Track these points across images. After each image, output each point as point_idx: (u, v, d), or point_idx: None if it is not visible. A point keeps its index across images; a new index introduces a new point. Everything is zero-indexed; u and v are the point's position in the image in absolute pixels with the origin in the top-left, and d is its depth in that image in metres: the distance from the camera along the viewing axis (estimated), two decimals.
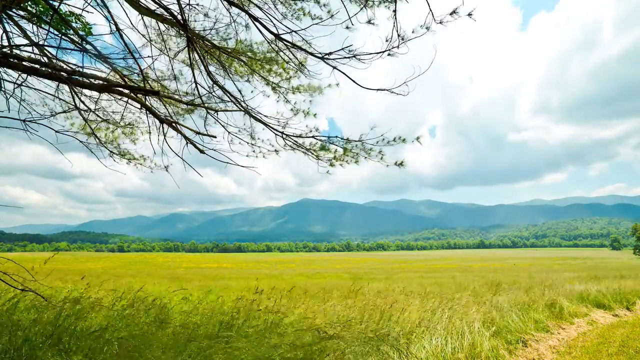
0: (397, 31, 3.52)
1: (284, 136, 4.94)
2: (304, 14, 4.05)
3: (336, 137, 4.70)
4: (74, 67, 3.88)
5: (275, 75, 5.07)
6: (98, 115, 4.85)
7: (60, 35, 3.61)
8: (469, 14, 3.21)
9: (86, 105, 4.56)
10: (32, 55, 3.69)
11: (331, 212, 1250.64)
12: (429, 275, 23.06)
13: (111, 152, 5.21)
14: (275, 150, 5.06)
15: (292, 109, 5.02)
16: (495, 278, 16.67)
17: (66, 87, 4.14)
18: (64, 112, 4.68)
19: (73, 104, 4.25)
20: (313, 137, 4.80)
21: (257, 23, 4.07)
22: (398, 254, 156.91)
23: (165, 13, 3.89)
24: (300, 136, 4.86)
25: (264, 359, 3.65)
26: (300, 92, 5.06)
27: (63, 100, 4.38)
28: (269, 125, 4.93)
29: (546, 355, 5.16)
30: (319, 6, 3.91)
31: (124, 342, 3.62)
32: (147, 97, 4.77)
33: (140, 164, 5.29)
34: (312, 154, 4.87)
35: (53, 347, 3.39)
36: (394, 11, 3.48)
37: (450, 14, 3.24)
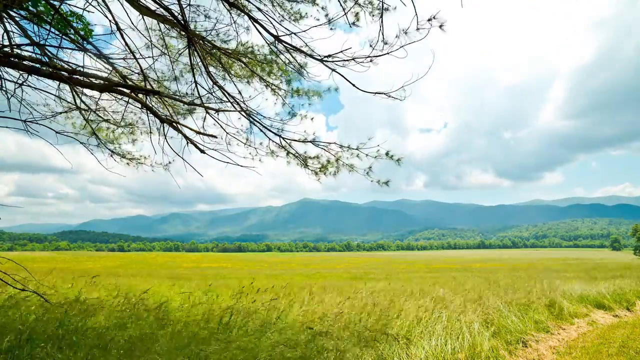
0: (382, 36, 3.59)
1: (281, 139, 4.96)
2: (301, 17, 4.06)
3: (334, 143, 4.72)
4: (75, 66, 3.88)
5: (275, 77, 5.08)
6: (99, 115, 4.85)
7: (61, 35, 3.61)
8: (440, 26, 3.26)
9: (87, 105, 4.56)
10: (33, 55, 3.70)
11: (331, 212, 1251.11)
12: (429, 276, 23.06)
13: (112, 152, 5.21)
14: (272, 152, 5.07)
15: (289, 112, 5.05)
16: (495, 278, 16.66)
17: (67, 87, 4.15)
18: (65, 112, 4.68)
19: (74, 103, 4.26)
20: (311, 142, 4.81)
21: (257, 25, 4.08)
22: (398, 254, 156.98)
23: (166, 13, 3.89)
24: (297, 141, 4.87)
25: (262, 357, 3.65)
26: (299, 95, 5.08)
27: (64, 99, 4.39)
28: (267, 128, 4.93)
29: (546, 355, 5.17)
30: (316, 8, 3.92)
31: (126, 342, 3.63)
32: (148, 96, 4.77)
33: (141, 163, 5.29)
34: (302, 162, 4.91)
35: (56, 346, 3.40)
36: (381, 17, 3.51)
37: (429, 20, 3.28)
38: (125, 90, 3.87)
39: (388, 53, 3.71)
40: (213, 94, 4.96)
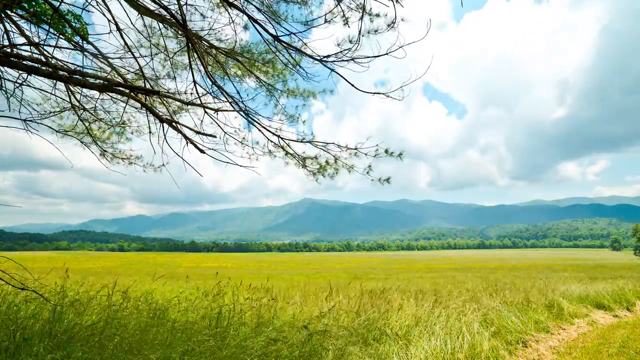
0: (360, 34, 3.66)
1: (279, 139, 4.95)
2: (283, 19, 4.09)
3: (332, 143, 4.71)
4: (74, 66, 3.88)
5: (271, 76, 5.08)
6: (91, 114, 4.84)
7: (59, 34, 3.60)
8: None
9: (81, 104, 4.55)
10: (33, 55, 3.69)
11: (331, 211, 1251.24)
12: (429, 275, 23.07)
13: (104, 151, 5.20)
14: (270, 152, 5.07)
15: (285, 113, 5.05)
16: (495, 278, 16.67)
17: (62, 86, 4.14)
18: (60, 111, 4.67)
19: (69, 102, 4.25)
20: (309, 142, 4.80)
21: (256, 25, 4.07)
22: (398, 254, 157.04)
23: (165, 13, 3.88)
24: (296, 141, 4.87)
25: (257, 355, 3.65)
26: (295, 95, 5.07)
27: (60, 97, 4.38)
28: (265, 128, 4.93)
29: (546, 355, 5.16)
30: (301, 11, 3.95)
31: (122, 339, 3.63)
32: (147, 96, 4.77)
33: (132, 163, 5.27)
34: (300, 162, 4.91)
35: (51, 344, 3.40)
36: (361, 18, 3.58)
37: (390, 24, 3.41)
38: (125, 90, 3.87)
39: (387, 53, 3.70)
40: (212, 93, 4.96)
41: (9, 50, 3.37)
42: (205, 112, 4.85)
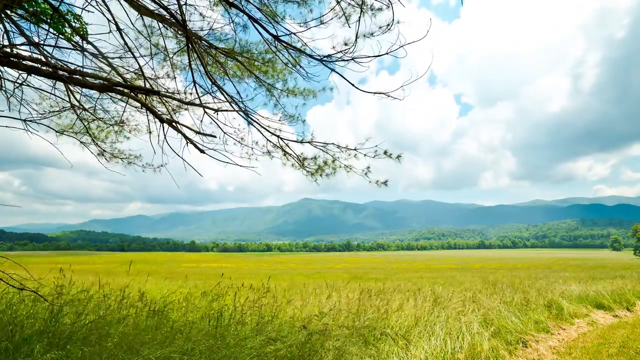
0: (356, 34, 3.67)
1: (278, 139, 4.96)
2: (280, 18, 4.10)
3: (332, 143, 4.72)
4: (74, 66, 3.87)
5: (270, 77, 5.08)
6: (91, 114, 4.84)
7: (58, 34, 3.61)
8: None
9: (81, 104, 4.55)
10: (33, 55, 3.69)
11: (331, 211, 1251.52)
12: (429, 275, 23.08)
13: (103, 150, 5.20)
14: (268, 151, 5.07)
15: (284, 113, 5.06)
16: (495, 278, 16.67)
17: (61, 85, 4.14)
18: (60, 111, 4.68)
19: (68, 101, 4.25)
20: (309, 142, 4.80)
21: (256, 24, 4.08)
22: (398, 254, 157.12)
23: (165, 13, 3.88)
24: (295, 141, 4.87)
25: (258, 356, 3.65)
26: (295, 94, 5.07)
27: (60, 97, 4.38)
28: (264, 128, 4.93)
29: (546, 355, 5.16)
30: (301, 10, 3.96)
31: (121, 339, 3.62)
32: (147, 96, 4.77)
33: (132, 163, 5.28)
34: (299, 162, 4.92)
35: (50, 344, 3.40)
36: (359, 19, 3.58)
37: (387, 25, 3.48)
38: (125, 90, 3.87)
39: (388, 53, 3.70)
40: (211, 93, 4.96)
41: (9, 50, 3.37)
42: (205, 112, 4.85)
